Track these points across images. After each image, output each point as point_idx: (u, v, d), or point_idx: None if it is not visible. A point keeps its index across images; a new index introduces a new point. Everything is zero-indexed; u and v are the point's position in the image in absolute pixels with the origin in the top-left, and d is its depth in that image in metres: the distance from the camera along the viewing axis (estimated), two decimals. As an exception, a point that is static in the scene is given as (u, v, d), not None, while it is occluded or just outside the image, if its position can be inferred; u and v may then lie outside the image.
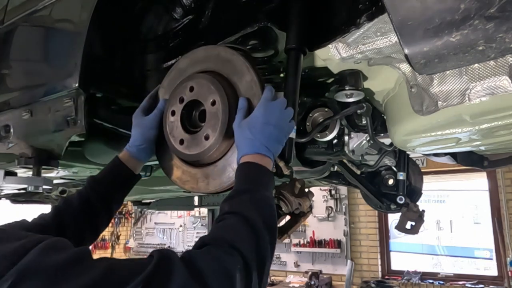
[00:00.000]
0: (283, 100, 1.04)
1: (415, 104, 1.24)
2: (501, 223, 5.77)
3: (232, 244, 0.77)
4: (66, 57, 1.42)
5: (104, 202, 1.13)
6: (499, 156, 2.19)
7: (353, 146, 1.77)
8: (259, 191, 0.91)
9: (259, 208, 0.87)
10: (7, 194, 3.11)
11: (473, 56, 0.78)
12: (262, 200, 0.90)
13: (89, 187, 1.13)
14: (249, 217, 0.83)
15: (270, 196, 0.94)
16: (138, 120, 1.21)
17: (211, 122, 1.09)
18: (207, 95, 1.10)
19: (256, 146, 0.97)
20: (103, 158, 1.86)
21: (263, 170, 0.96)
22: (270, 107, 1.00)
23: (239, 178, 0.96)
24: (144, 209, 6.55)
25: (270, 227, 0.85)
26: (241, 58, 1.11)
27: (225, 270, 0.72)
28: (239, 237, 0.79)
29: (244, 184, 0.93)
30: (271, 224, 0.87)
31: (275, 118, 0.99)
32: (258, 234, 0.82)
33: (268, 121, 0.98)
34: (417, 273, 6.26)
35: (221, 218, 0.86)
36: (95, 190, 1.12)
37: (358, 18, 1.06)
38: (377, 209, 2.84)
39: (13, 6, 1.77)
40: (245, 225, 0.82)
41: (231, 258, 0.74)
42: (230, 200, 0.90)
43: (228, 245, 0.77)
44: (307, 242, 7.20)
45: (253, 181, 0.93)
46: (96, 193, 1.12)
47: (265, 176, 0.96)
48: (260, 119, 0.99)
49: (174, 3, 1.44)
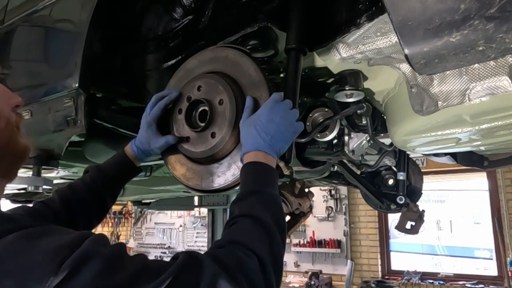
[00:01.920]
0: (289, 102, 1.05)
1: (415, 104, 1.24)
2: (501, 223, 5.77)
3: (247, 246, 0.78)
4: (66, 57, 1.42)
5: (109, 192, 1.17)
6: (499, 156, 2.19)
7: (353, 146, 1.77)
8: (266, 191, 0.92)
9: (268, 208, 0.88)
10: (7, 194, 3.11)
11: (473, 56, 0.78)
12: (270, 200, 0.91)
13: (96, 177, 1.15)
14: (260, 218, 0.84)
15: (277, 195, 0.95)
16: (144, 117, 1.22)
17: (218, 120, 1.11)
18: (214, 94, 1.12)
19: (260, 143, 0.97)
20: (103, 158, 1.85)
21: (268, 169, 0.96)
22: (276, 106, 1.01)
23: (245, 179, 0.96)
24: (144, 209, 6.55)
25: (280, 227, 0.86)
26: (249, 59, 1.13)
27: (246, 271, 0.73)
28: (253, 239, 0.80)
29: (251, 185, 0.94)
30: (280, 223, 0.88)
31: (280, 117, 1.00)
32: (271, 234, 0.83)
33: (272, 119, 0.99)
34: (417, 273, 6.26)
35: (232, 221, 0.86)
36: (102, 179, 1.15)
37: (358, 18, 1.06)
38: (377, 209, 2.84)
39: (13, 6, 1.77)
40: (257, 226, 0.83)
41: (250, 260, 0.75)
42: (239, 203, 0.90)
43: (244, 247, 0.77)
44: (307, 242, 7.19)
45: (259, 181, 0.94)
46: (103, 183, 1.15)
47: (270, 175, 0.96)
48: (265, 116, 0.99)
49: (174, 3, 1.44)
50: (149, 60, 1.51)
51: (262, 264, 0.76)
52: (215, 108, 1.12)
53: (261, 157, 0.97)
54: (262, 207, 0.87)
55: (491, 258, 5.98)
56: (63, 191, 1.11)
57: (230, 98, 1.10)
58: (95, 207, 1.13)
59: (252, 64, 1.12)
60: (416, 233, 2.51)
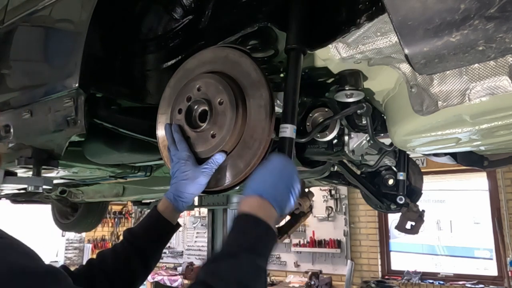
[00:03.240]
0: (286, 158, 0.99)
1: (415, 104, 1.24)
2: (501, 223, 5.77)
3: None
4: (66, 57, 1.42)
5: (141, 257, 1.06)
6: (499, 156, 2.19)
7: (353, 146, 1.77)
8: (249, 258, 0.77)
9: (239, 284, 0.74)
10: (7, 194, 3.11)
11: (473, 56, 0.78)
12: (247, 273, 0.76)
13: (126, 241, 1.07)
14: (225, 280, 0.72)
15: (261, 266, 0.79)
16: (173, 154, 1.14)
17: (218, 121, 1.11)
18: (214, 94, 1.12)
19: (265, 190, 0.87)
20: (103, 158, 1.86)
21: (264, 228, 0.82)
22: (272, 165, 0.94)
23: (232, 232, 0.84)
24: (144, 209, 6.55)
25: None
26: (249, 59, 1.13)
27: None
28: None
29: (233, 244, 0.81)
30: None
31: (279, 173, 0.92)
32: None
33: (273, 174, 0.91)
34: (417, 273, 6.26)
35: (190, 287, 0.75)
36: (133, 244, 1.07)
37: (358, 18, 1.06)
38: (377, 209, 2.84)
39: (13, 6, 1.77)
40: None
41: None
42: (210, 265, 0.79)
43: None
44: (307, 242, 7.19)
45: (245, 243, 0.80)
46: (134, 248, 1.06)
47: (263, 236, 0.82)
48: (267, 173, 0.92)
49: (174, 3, 1.44)
50: (149, 60, 1.51)
51: None
52: (215, 108, 1.12)
53: (261, 210, 0.84)
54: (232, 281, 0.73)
55: (491, 258, 5.98)
56: (93, 260, 1.05)
57: (230, 98, 1.09)
58: (121, 278, 1.03)
59: (252, 64, 1.12)
60: (416, 233, 2.51)
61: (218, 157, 1.09)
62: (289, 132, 1.10)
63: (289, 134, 1.10)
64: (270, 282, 7.00)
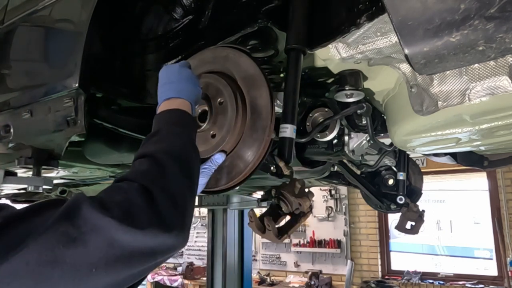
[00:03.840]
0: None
1: (415, 104, 1.24)
2: (501, 223, 5.76)
3: (127, 178, 0.77)
4: (66, 57, 1.42)
5: None
6: (499, 156, 2.19)
7: (353, 146, 1.77)
8: (166, 128, 0.91)
9: (163, 142, 0.87)
10: (7, 194, 3.11)
11: (473, 56, 0.78)
12: (164, 136, 0.89)
13: None
14: (148, 153, 0.84)
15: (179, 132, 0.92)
16: None
17: (218, 121, 1.11)
18: (214, 94, 1.12)
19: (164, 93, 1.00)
20: (103, 158, 1.86)
21: (176, 111, 0.96)
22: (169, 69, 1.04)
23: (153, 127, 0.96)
24: (144, 209, 6.54)
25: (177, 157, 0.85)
26: (249, 59, 1.13)
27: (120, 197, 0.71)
28: (136, 172, 0.80)
29: (154, 127, 0.93)
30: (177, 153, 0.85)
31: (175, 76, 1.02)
32: (162, 165, 0.81)
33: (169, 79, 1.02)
34: (417, 273, 6.26)
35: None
36: None
37: (358, 18, 1.06)
38: (377, 209, 2.84)
39: (13, 6, 1.77)
40: (143, 161, 0.83)
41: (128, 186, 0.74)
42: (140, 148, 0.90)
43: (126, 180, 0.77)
44: (307, 242, 7.19)
45: (161, 123, 0.93)
46: None
47: (174, 114, 0.95)
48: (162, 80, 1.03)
49: (174, 3, 1.44)
50: (149, 60, 1.51)
51: (142, 185, 0.74)
52: (215, 108, 1.12)
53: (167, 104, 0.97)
54: (158, 144, 0.86)
55: (491, 258, 5.98)
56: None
57: (230, 98, 1.09)
58: None
59: (252, 64, 1.12)
60: (416, 233, 2.51)
61: (217, 157, 1.10)
62: (289, 132, 1.10)
63: (289, 134, 1.10)
64: (270, 282, 7.01)
